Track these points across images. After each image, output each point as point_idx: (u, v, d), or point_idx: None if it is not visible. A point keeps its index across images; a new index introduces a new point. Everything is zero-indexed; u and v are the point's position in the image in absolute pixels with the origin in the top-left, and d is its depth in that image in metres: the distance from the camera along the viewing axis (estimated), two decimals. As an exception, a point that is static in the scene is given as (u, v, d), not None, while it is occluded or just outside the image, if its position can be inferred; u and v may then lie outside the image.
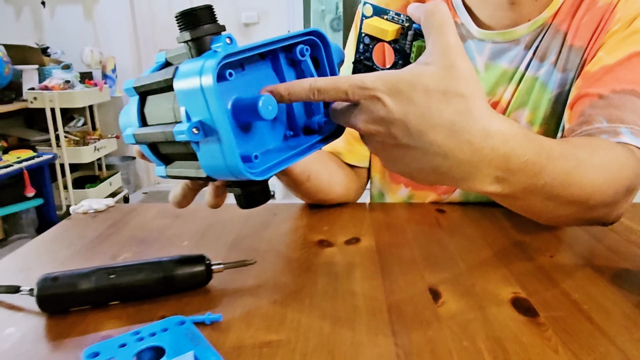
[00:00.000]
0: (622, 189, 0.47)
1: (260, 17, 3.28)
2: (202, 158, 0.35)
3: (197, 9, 0.34)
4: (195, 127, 0.33)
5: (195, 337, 0.36)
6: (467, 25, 0.69)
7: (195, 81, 0.32)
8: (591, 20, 0.62)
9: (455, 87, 0.34)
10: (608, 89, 0.56)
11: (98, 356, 0.34)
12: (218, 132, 0.33)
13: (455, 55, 0.35)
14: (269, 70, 0.39)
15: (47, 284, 0.42)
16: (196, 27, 0.34)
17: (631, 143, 0.52)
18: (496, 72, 0.68)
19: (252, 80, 0.37)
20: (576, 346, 0.38)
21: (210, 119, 0.33)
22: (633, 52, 0.58)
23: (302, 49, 0.38)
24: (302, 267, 0.53)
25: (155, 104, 0.39)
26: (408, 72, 0.35)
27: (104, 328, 0.42)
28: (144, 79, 0.39)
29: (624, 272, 0.51)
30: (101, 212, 0.71)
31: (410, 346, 0.38)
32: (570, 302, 0.45)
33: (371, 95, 0.34)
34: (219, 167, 0.34)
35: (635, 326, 0.41)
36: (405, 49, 0.42)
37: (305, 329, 0.41)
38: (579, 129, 0.56)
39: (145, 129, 0.39)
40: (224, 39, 0.34)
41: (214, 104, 0.32)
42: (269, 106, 0.33)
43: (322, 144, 0.41)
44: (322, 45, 0.39)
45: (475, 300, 0.45)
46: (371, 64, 0.44)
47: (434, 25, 0.36)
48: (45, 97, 2.72)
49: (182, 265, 0.46)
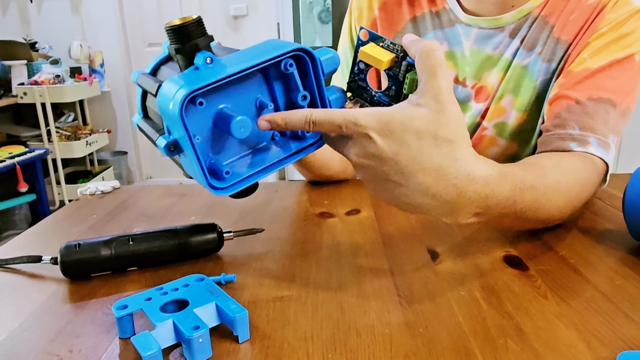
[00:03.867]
0: (580, 205, 0.54)
1: (249, 9, 3.28)
2: (183, 164, 0.39)
3: (186, 24, 0.36)
4: (172, 144, 0.37)
5: (215, 290, 0.38)
6: (455, 10, 0.72)
7: (169, 104, 0.35)
8: (579, 16, 0.64)
9: (445, 133, 0.37)
10: (585, 95, 0.59)
11: (126, 308, 0.36)
12: (184, 151, 0.36)
13: (446, 100, 0.37)
14: (259, 79, 0.40)
15: (70, 251, 0.45)
16: (184, 42, 0.36)
17: (596, 154, 0.56)
18: (481, 57, 0.71)
19: (241, 89, 0.38)
20: (564, 293, 0.42)
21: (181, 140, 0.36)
22: (614, 60, 0.60)
23: (286, 64, 0.39)
24: (306, 236, 0.56)
25: (152, 102, 0.42)
26: (400, 113, 0.37)
27: (125, 291, 0.44)
28: (142, 79, 0.41)
29: (608, 232, 0.54)
30: (108, 194, 0.74)
31: (412, 297, 0.42)
32: (558, 257, 0.48)
33: (363, 133, 0.37)
34: (195, 177, 0.39)
35: (618, 275, 0.45)
36: (399, 77, 0.43)
37: (314, 286, 0.44)
38: (553, 130, 0.60)
39: (145, 124, 0.42)
40: (204, 58, 0.35)
41: (180, 132, 0.35)
42: (242, 127, 0.36)
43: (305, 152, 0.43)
44: (310, 60, 0.39)
45: (471, 259, 0.48)
46: (365, 85, 0.46)
47: (428, 68, 0.38)
48: (35, 92, 2.71)
49: (196, 232, 0.49)
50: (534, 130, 0.70)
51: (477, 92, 0.72)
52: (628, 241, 0.52)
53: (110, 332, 0.38)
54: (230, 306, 0.36)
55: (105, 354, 0.35)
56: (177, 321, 0.34)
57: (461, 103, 0.74)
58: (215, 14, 3.25)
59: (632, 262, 0.47)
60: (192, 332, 0.33)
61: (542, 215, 0.48)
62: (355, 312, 0.40)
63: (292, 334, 0.37)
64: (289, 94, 0.41)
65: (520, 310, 0.39)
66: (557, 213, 0.50)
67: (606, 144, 0.57)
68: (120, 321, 0.37)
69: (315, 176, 0.74)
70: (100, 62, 3.22)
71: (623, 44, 0.60)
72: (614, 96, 0.59)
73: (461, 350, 0.34)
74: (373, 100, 0.45)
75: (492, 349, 0.34)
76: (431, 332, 0.37)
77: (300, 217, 0.61)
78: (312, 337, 0.36)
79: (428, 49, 0.38)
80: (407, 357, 0.34)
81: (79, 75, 3.03)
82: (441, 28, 0.73)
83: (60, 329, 0.39)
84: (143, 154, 3.64)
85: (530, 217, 0.47)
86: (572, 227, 0.56)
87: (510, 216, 0.44)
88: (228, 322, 0.36)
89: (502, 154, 0.73)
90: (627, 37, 0.60)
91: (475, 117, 0.73)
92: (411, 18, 0.75)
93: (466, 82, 0.73)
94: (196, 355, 0.33)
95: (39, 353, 0.36)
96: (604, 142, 0.57)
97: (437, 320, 0.38)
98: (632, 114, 0.61)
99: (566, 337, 0.36)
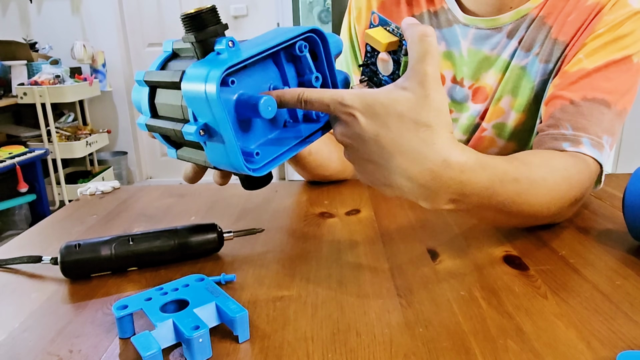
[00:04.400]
0: (568, 203, 0.52)
1: (249, 9, 3.28)
2: (209, 153, 0.38)
3: (202, 12, 0.36)
4: (202, 129, 0.36)
5: (215, 290, 0.38)
6: (453, 10, 0.72)
7: (200, 87, 0.34)
8: (577, 17, 0.63)
9: (425, 118, 0.38)
10: (580, 95, 0.59)
11: (127, 308, 0.36)
12: (222, 135, 0.36)
13: (431, 87, 0.38)
14: (270, 64, 0.41)
15: (70, 251, 0.45)
16: (200, 29, 0.36)
17: (589, 154, 0.56)
18: (478, 57, 0.71)
19: (255, 74, 0.39)
20: (564, 293, 0.42)
21: (214, 123, 0.36)
22: (611, 60, 0.60)
23: (300, 46, 0.40)
24: (306, 236, 0.56)
25: (164, 98, 0.41)
26: (385, 95, 0.38)
27: (125, 291, 0.44)
28: (154, 75, 0.41)
29: (608, 232, 0.54)
30: (108, 194, 0.74)
31: (412, 297, 0.42)
32: (558, 257, 0.48)
33: (348, 112, 0.38)
34: (224, 162, 0.38)
35: (617, 275, 0.45)
36: (400, 60, 0.44)
37: (314, 286, 0.44)
38: (547, 130, 0.60)
39: (157, 121, 0.41)
40: (227, 42, 0.36)
41: (217, 111, 0.35)
42: (269, 107, 0.36)
43: (320, 133, 0.44)
44: (320, 41, 0.41)
45: (471, 259, 0.48)
46: (375, 69, 0.47)
47: (418, 52, 0.39)
48: (35, 92, 2.71)
49: (196, 232, 0.49)
50: (532, 130, 0.70)
51: (475, 93, 0.72)
52: (628, 241, 0.52)
53: (110, 332, 0.38)
54: (230, 306, 0.36)
55: (105, 354, 0.35)
56: (177, 321, 0.34)
57: (459, 103, 0.74)
58: (215, 14, 3.24)
59: (632, 262, 0.47)
60: (192, 332, 0.33)
61: (526, 210, 0.47)
62: (355, 312, 0.40)
63: (292, 334, 0.37)
64: (301, 77, 0.42)
65: (520, 310, 0.39)
66: (543, 209, 0.49)
67: (599, 144, 0.57)
68: (120, 321, 0.37)
69: (313, 176, 0.74)
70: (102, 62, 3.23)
71: (620, 45, 0.60)
72: (609, 97, 0.59)
73: (461, 350, 0.34)
74: (381, 84, 0.46)
75: (492, 349, 0.34)
76: (431, 332, 0.37)
77: (300, 217, 0.61)
78: (312, 337, 0.36)
79: (421, 34, 0.39)
80: (407, 357, 0.34)
81: (79, 76, 3.04)
82: (439, 28, 0.73)
83: (60, 329, 0.39)
84: (143, 154, 3.64)
85: (513, 211, 0.46)
86: (572, 227, 0.56)
87: (492, 209, 0.44)
88: (228, 322, 0.36)
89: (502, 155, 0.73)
90: (624, 38, 0.60)
91: (474, 118, 0.73)
92: None
93: (464, 82, 0.73)
94: (196, 355, 0.33)
95: (39, 353, 0.36)
96: (598, 143, 0.57)
97: (437, 320, 0.38)
98: (632, 114, 0.61)
99: (566, 337, 0.36)
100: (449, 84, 0.74)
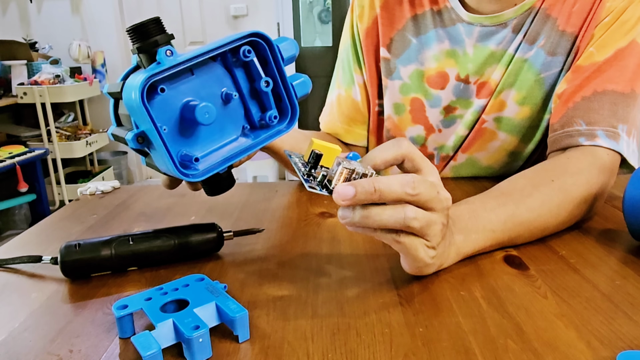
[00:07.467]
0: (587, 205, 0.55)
1: (249, 9, 3.28)
2: (154, 159, 0.40)
3: (144, 24, 0.38)
4: (139, 136, 0.38)
5: (215, 290, 0.38)
6: (457, 9, 0.72)
7: (131, 96, 0.36)
8: (582, 7, 0.64)
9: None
10: (591, 90, 0.60)
11: (127, 308, 0.36)
12: (152, 141, 0.37)
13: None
14: (219, 70, 0.41)
15: (70, 251, 0.45)
16: (143, 40, 0.38)
17: (605, 146, 0.57)
18: (484, 53, 0.71)
19: (205, 81, 0.40)
20: (564, 293, 0.42)
21: (148, 130, 0.37)
22: (619, 49, 0.61)
23: (244, 50, 0.40)
24: (307, 236, 0.56)
25: (122, 108, 0.43)
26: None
27: (125, 290, 0.44)
28: (113, 87, 0.42)
29: (609, 232, 0.54)
30: (108, 194, 0.74)
31: (412, 296, 0.42)
32: (558, 257, 0.48)
33: (436, 189, 0.39)
34: (163, 168, 0.40)
35: (618, 275, 0.45)
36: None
37: (314, 286, 0.44)
38: (561, 130, 0.61)
39: (118, 130, 0.43)
40: (165, 51, 0.37)
41: (143, 118, 0.36)
42: (206, 114, 0.38)
43: (274, 136, 0.44)
44: (267, 45, 0.41)
45: (471, 259, 0.48)
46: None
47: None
48: (35, 92, 2.71)
49: (196, 232, 0.49)
50: (537, 127, 0.70)
51: (479, 88, 0.72)
52: (628, 241, 0.51)
53: (110, 332, 0.38)
54: (230, 306, 0.36)
55: (105, 354, 0.35)
56: (177, 321, 0.34)
57: (464, 100, 0.74)
58: (215, 13, 3.25)
59: (632, 262, 0.47)
60: (192, 332, 0.33)
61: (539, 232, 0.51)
62: (355, 312, 0.40)
63: (292, 334, 0.37)
64: (252, 83, 0.43)
65: (520, 310, 0.39)
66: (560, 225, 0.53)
67: (615, 134, 0.58)
68: (120, 321, 0.37)
69: None
70: (102, 62, 3.22)
71: (624, 31, 0.61)
72: (621, 86, 0.60)
73: (461, 350, 0.34)
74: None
75: (492, 349, 0.34)
76: (431, 332, 0.37)
77: (300, 217, 0.61)
78: (312, 337, 0.36)
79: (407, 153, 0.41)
80: (407, 357, 0.34)
81: (79, 75, 3.04)
82: (442, 27, 0.73)
83: (60, 329, 0.39)
84: (143, 154, 3.63)
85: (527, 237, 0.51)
86: (572, 227, 0.56)
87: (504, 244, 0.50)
88: (228, 322, 0.36)
89: (503, 149, 0.73)
90: (627, 23, 0.61)
91: (478, 113, 0.73)
92: (412, 16, 0.75)
93: (469, 78, 0.73)
94: (196, 355, 0.33)
95: (39, 353, 0.36)
96: (613, 133, 0.58)
97: (437, 320, 0.38)
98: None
99: (566, 337, 0.36)
100: (453, 82, 0.74)
